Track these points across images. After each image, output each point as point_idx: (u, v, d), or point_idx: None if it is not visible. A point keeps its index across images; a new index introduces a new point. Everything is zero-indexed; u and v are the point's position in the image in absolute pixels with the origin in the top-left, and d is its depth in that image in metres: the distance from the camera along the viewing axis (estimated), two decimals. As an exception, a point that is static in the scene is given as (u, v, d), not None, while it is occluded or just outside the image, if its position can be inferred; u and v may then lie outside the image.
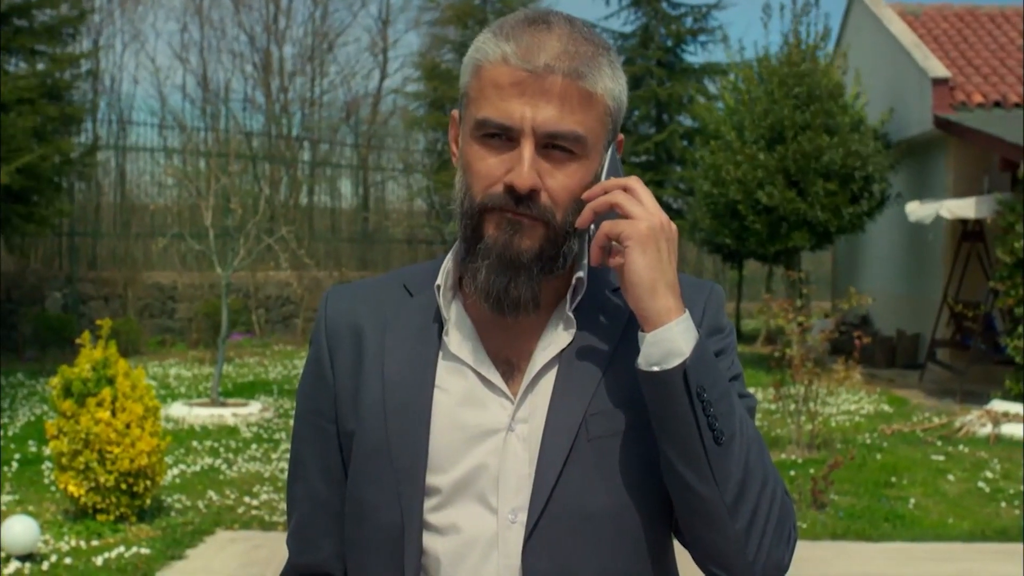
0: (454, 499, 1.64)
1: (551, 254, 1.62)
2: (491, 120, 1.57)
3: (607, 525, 1.63)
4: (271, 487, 9.37)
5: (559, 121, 1.55)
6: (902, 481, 9.75)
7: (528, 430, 1.64)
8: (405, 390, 1.68)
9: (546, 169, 1.58)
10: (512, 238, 1.60)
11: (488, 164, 1.60)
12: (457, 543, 1.64)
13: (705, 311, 1.74)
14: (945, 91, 17.01)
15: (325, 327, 1.79)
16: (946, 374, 16.47)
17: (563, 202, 1.60)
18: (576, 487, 1.61)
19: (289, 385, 15.45)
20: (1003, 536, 8.13)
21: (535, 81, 1.54)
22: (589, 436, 1.62)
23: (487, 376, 1.66)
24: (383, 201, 28.16)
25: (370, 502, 1.69)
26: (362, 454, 1.70)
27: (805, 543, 7.93)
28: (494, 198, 1.60)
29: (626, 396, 1.63)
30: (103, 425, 7.65)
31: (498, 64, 1.57)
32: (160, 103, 30.57)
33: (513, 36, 1.57)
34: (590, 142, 1.59)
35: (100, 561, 7.14)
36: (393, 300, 1.77)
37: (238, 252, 13.34)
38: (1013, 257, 13.36)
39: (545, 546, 1.60)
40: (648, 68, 29.47)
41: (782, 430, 11.60)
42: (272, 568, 7.23)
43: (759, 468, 1.60)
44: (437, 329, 1.71)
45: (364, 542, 1.70)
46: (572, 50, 1.56)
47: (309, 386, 1.81)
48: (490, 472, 1.63)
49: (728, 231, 18.87)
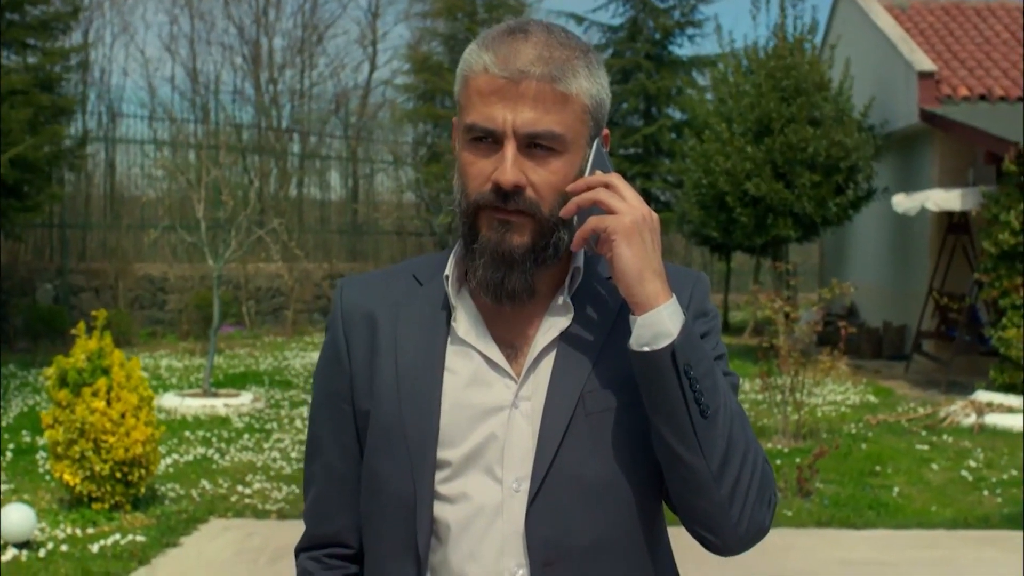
0: (463, 471, 1.77)
1: (542, 246, 1.74)
2: (477, 125, 1.69)
3: (603, 493, 1.75)
4: (264, 476, 9.47)
5: (537, 122, 1.67)
6: (886, 470, 9.88)
7: (530, 407, 1.76)
8: (417, 372, 1.80)
9: (529, 166, 1.69)
10: (504, 236, 1.72)
11: (478, 166, 1.72)
12: (466, 511, 1.76)
13: (692, 297, 1.86)
14: (931, 84, 17.14)
15: (341, 315, 1.91)
16: (931, 365, 16.63)
17: (547, 196, 1.71)
18: (574, 458, 1.74)
19: (280, 376, 15.54)
20: (985, 524, 8.26)
21: (513, 87, 1.66)
22: (586, 412, 1.75)
23: (492, 358, 1.79)
24: (372, 193, 28.23)
25: (385, 475, 1.81)
26: (377, 431, 1.82)
27: (790, 530, 8.07)
28: (484, 196, 1.71)
29: (620, 375, 1.76)
30: (98, 415, 7.73)
31: (481, 73, 1.69)
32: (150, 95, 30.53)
33: (493, 46, 1.70)
34: (569, 139, 1.71)
35: (96, 548, 7.24)
36: (404, 289, 1.89)
37: (230, 244, 13.42)
38: (998, 249, 13.50)
39: (546, 513, 1.73)
40: (637, 61, 29.57)
41: (769, 420, 11.73)
42: (266, 555, 7.35)
43: (741, 439, 1.73)
44: (445, 316, 1.83)
45: (380, 512, 1.83)
46: (547, 55, 1.67)
47: (326, 370, 1.93)
48: (496, 446, 1.76)
49: (716, 223, 19.01)
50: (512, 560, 1.75)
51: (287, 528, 8.03)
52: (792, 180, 17.58)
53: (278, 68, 31.12)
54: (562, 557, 1.74)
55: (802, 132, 17.36)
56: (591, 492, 1.75)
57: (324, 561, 1.94)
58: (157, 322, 20.59)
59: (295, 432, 11.45)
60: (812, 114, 17.63)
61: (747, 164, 17.67)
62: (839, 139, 17.39)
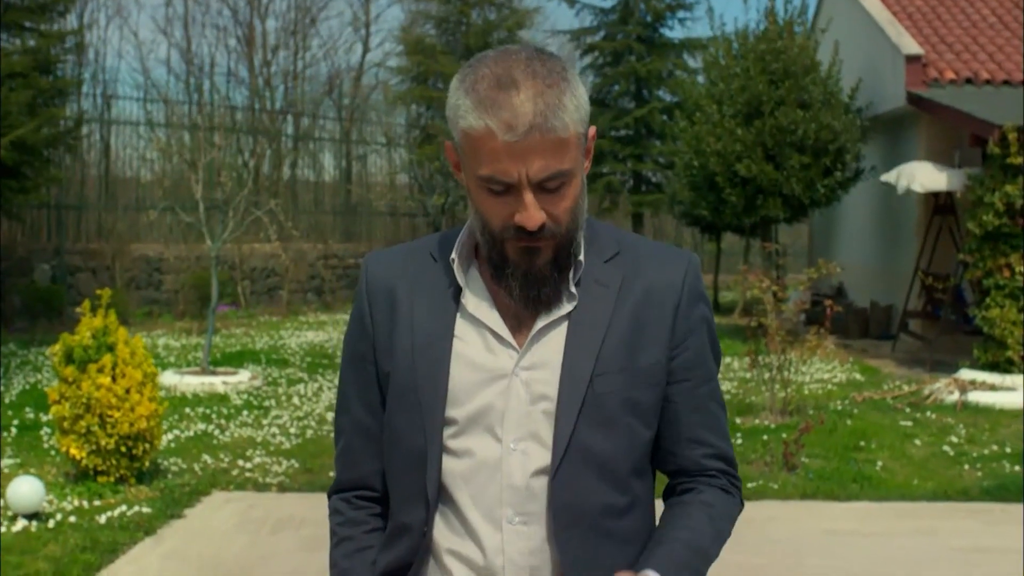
0: (468, 429, 2.01)
1: (564, 256, 1.97)
2: (494, 178, 1.89)
3: (608, 464, 2.00)
4: (263, 451, 9.71)
5: (546, 168, 1.87)
6: (871, 445, 10.13)
7: (530, 377, 2.00)
8: (430, 339, 2.04)
9: (546, 200, 1.90)
10: (532, 260, 1.95)
11: (497, 208, 1.92)
12: (470, 465, 2.00)
13: (686, 278, 2.10)
14: (918, 68, 17.36)
15: (366, 287, 2.15)
16: (917, 344, 16.89)
17: (564, 219, 1.94)
18: (586, 436, 1.98)
19: (276, 355, 15.78)
20: (965, 496, 8.51)
21: (520, 145, 1.85)
22: (595, 394, 1.99)
23: (497, 330, 2.02)
24: (365, 174, 28.43)
25: (401, 430, 2.05)
26: (395, 391, 2.06)
27: (776, 502, 8.33)
28: (508, 231, 1.93)
29: (620, 362, 2.01)
30: (104, 390, 7.94)
31: (486, 136, 1.87)
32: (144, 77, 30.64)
33: (492, 110, 1.86)
34: (573, 168, 1.92)
35: (103, 519, 7.46)
36: (420, 265, 2.12)
37: (227, 225, 13.63)
38: (982, 230, 13.73)
39: (565, 484, 1.97)
40: (628, 44, 29.77)
41: (757, 397, 12.00)
42: (267, 526, 7.58)
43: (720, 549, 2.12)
44: (455, 291, 2.06)
45: (397, 462, 2.08)
46: (541, 106, 1.85)
47: (353, 335, 2.18)
48: (497, 409, 2.00)
49: (706, 203, 19.27)
50: (509, 509, 1.99)
51: (287, 500, 8.28)
52: (781, 162, 17.84)
53: (272, 50, 31.29)
54: (580, 520, 1.98)
55: (791, 114, 17.62)
56: (598, 464, 1.99)
57: (352, 502, 2.20)
58: (153, 302, 20.79)
59: (293, 409, 11.69)
60: (801, 97, 17.89)
61: (737, 146, 17.92)
62: (828, 122, 17.66)
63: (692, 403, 2.10)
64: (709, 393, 2.13)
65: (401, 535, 2.08)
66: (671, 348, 2.06)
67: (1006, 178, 13.60)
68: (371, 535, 2.18)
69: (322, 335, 18.75)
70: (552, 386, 1.99)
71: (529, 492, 1.99)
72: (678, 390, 2.08)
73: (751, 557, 6.92)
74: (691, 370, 2.09)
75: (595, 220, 2.12)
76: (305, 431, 10.61)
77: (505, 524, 1.99)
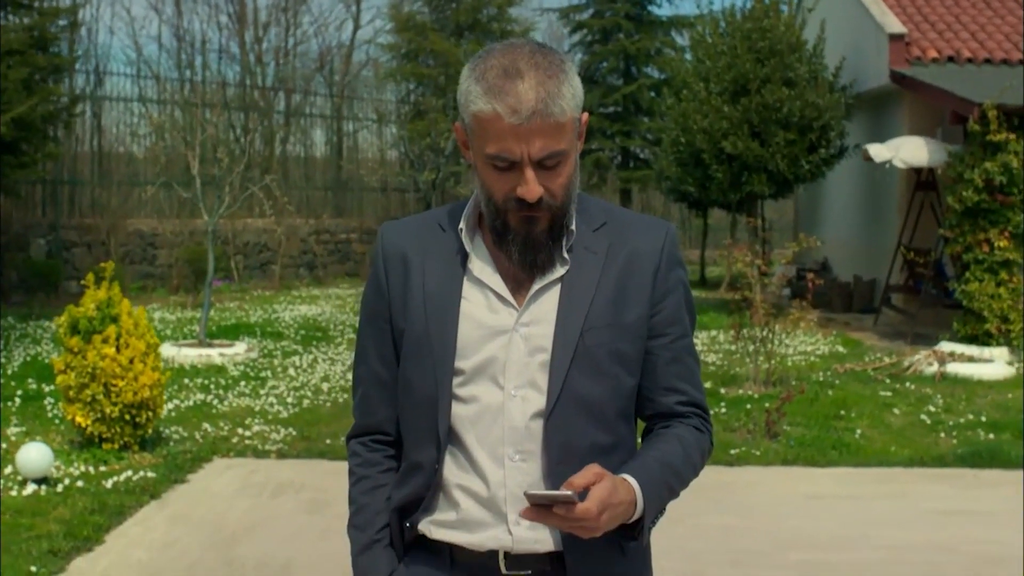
0: (474, 378, 2.30)
1: (558, 225, 2.27)
2: (500, 156, 2.18)
3: (595, 408, 2.30)
4: (262, 420, 9.99)
5: (544, 148, 2.16)
6: (850, 414, 10.44)
7: (528, 332, 2.29)
8: (440, 299, 2.32)
9: (544, 176, 2.20)
10: (530, 228, 2.24)
11: (500, 182, 2.21)
12: (476, 409, 2.29)
13: (664, 244, 2.40)
14: (901, 46, 17.62)
15: (382, 253, 2.43)
16: (899, 317, 17.21)
17: (559, 193, 2.23)
18: (577, 382, 2.27)
19: (271, 328, 16.06)
20: (940, 462, 8.83)
21: (524, 128, 2.14)
22: (585, 347, 2.28)
23: (500, 292, 2.31)
24: (356, 150, 28.65)
25: (415, 379, 2.34)
26: (409, 345, 2.35)
27: (758, 468, 8.64)
28: (511, 204, 2.22)
29: (607, 318, 2.30)
30: (108, 360, 8.21)
31: (494, 118, 2.16)
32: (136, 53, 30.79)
33: (499, 96, 2.15)
34: (568, 148, 2.21)
35: (110, 484, 7.74)
36: (430, 234, 2.40)
37: (224, 200, 13.88)
38: (962, 206, 14.03)
39: (558, 425, 2.26)
40: (617, 21, 29.97)
41: (741, 369, 12.31)
42: (268, 490, 7.88)
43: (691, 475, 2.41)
44: (462, 257, 2.35)
45: (411, 408, 2.37)
46: (542, 94, 2.15)
47: (370, 296, 2.46)
48: (500, 360, 2.28)
49: (693, 179, 19.56)
50: (510, 448, 2.28)
51: (287, 466, 8.57)
52: (767, 139, 18.13)
53: (263, 27, 31.44)
54: (571, 457, 2.26)
55: (777, 92, 17.90)
56: (587, 408, 2.29)
57: (369, 445, 2.50)
58: (148, 276, 21.03)
59: (289, 380, 11.98)
60: (787, 75, 18.18)
61: (723, 123, 18.20)
62: (812, 99, 17.96)
63: (669, 355, 2.38)
64: (684, 347, 2.41)
65: (414, 473, 2.36)
66: (652, 306, 2.35)
67: (985, 155, 13.89)
68: (386, 474, 2.47)
69: (315, 309, 19.02)
70: (547, 340, 2.28)
71: (528, 432, 2.27)
72: (657, 344, 2.37)
73: (734, 519, 7.24)
74: (669, 326, 2.37)
75: (585, 194, 2.41)
76: (302, 401, 10.90)
77: (507, 461, 2.27)
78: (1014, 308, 13.76)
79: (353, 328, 16.23)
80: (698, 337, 15.33)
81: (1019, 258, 13.91)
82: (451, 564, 2.33)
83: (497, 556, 2.29)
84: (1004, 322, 13.76)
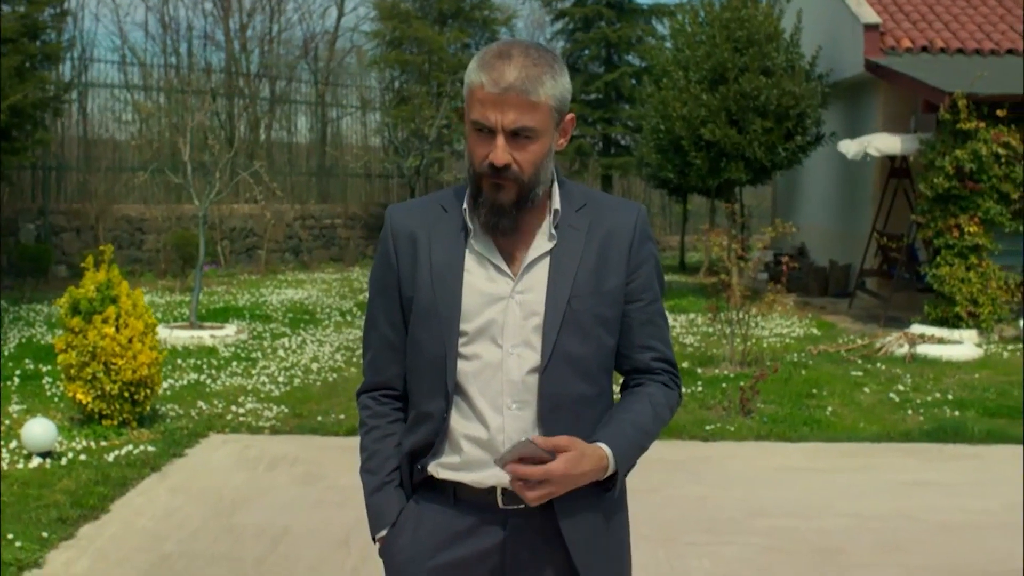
0: (476, 339, 2.65)
1: (523, 199, 2.61)
2: (479, 122, 2.56)
3: (581, 364, 2.66)
4: (255, 398, 10.33)
5: (517, 121, 2.54)
6: (822, 393, 10.82)
7: (523, 299, 2.65)
8: (445, 270, 2.67)
9: (514, 149, 2.56)
10: (497, 195, 2.60)
11: (479, 148, 2.59)
12: (478, 365, 2.65)
13: (637, 222, 2.76)
14: (876, 36, 18.00)
15: (391, 231, 2.78)
16: (873, 301, 17.63)
17: (527, 168, 2.59)
18: (566, 342, 2.64)
19: (259, 311, 16.39)
20: (906, 437, 9.22)
21: (501, 98, 2.52)
22: (572, 311, 2.64)
23: (497, 264, 2.67)
24: (340, 137, 28.91)
25: (424, 341, 2.70)
26: (418, 311, 2.70)
27: (733, 443, 9.02)
28: (484, 169, 2.59)
29: (590, 286, 2.66)
30: (108, 339, 8.54)
31: (479, 88, 2.54)
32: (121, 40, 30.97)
33: (487, 69, 2.54)
34: (540, 129, 2.57)
35: (111, 458, 8.06)
36: (434, 214, 2.76)
37: (215, 186, 14.19)
38: (933, 192, 14.44)
39: (551, 379, 2.62)
40: (598, 9, 30.23)
41: (718, 350, 12.69)
42: (264, 463, 8.22)
43: (658, 430, 2.76)
44: (464, 234, 2.70)
45: (421, 367, 2.72)
46: (523, 75, 2.52)
47: (379, 270, 2.81)
48: (498, 323, 2.64)
49: (672, 166, 19.93)
50: (509, 398, 2.64)
51: (281, 441, 8.92)
52: (744, 126, 18.50)
53: (247, 14, 31.64)
54: (561, 405, 2.64)
55: (755, 81, 18.28)
56: (575, 363, 2.65)
57: (378, 399, 2.86)
58: (135, 261, 21.29)
59: (279, 360, 12.32)
60: (764, 64, 18.56)
61: (702, 111, 18.57)
62: (789, 88, 18.34)
63: (643, 317, 2.75)
64: (656, 311, 2.78)
65: (424, 422, 2.71)
66: (627, 275, 2.71)
67: (956, 143, 14.29)
68: (394, 424, 2.83)
69: (302, 292, 19.36)
70: (540, 305, 2.64)
71: (524, 385, 2.63)
72: (633, 308, 2.73)
73: (708, 490, 7.61)
74: (642, 292, 2.74)
75: (568, 180, 2.77)
76: (292, 380, 11.24)
77: (505, 410, 2.63)
78: (983, 292, 14.20)
79: (340, 311, 16.61)
80: (676, 320, 15.73)
81: (988, 243, 14.34)
82: (455, 500, 2.69)
83: (495, 492, 2.65)
84: (973, 305, 14.20)
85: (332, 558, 6.18)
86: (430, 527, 2.70)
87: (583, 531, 2.66)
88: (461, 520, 2.68)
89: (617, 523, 2.77)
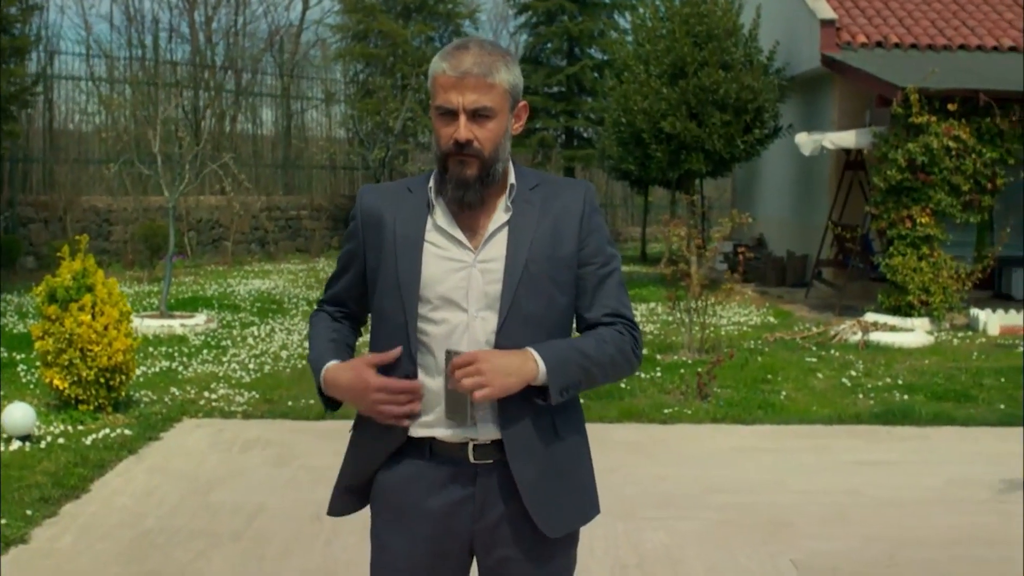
0: (441, 306, 2.94)
1: (485, 174, 2.92)
2: (442, 106, 2.88)
3: (538, 322, 2.95)
4: (226, 384, 10.60)
5: (475, 101, 2.85)
6: (777, 378, 11.18)
7: (484, 267, 2.93)
8: (408, 242, 2.97)
9: (475, 127, 2.87)
10: (462, 170, 2.90)
11: (445, 130, 2.90)
12: (445, 329, 2.93)
13: (586, 196, 3.06)
14: (832, 32, 18.41)
15: (361, 209, 3.09)
16: (829, 291, 18.05)
17: (487, 144, 2.89)
18: (522, 301, 2.92)
19: (227, 301, 16.64)
20: (857, 420, 9.57)
21: (460, 81, 2.84)
22: (529, 273, 2.93)
23: (457, 236, 2.96)
24: (304, 129, 29.10)
25: (387, 310, 2.99)
26: (381, 279, 3.00)
27: (689, 426, 9.35)
28: (449, 147, 2.90)
29: (544, 252, 2.95)
30: (84, 327, 8.79)
31: (441, 75, 2.87)
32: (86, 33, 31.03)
33: (447, 58, 2.87)
34: (497, 109, 2.89)
35: (89, 441, 8.31)
36: (401, 196, 3.06)
37: (184, 178, 14.43)
38: (887, 184, 14.85)
39: (508, 335, 2.91)
40: (560, 3, 30.47)
41: (677, 337, 13.04)
42: (237, 446, 8.49)
43: (608, 363, 3.01)
44: (427, 211, 3.00)
45: (385, 333, 3.00)
46: (479, 60, 2.85)
47: (349, 241, 3.12)
48: (462, 289, 2.93)
49: (633, 158, 20.24)
50: None
51: (253, 425, 9.20)
52: (704, 119, 18.83)
53: (212, 7, 31.76)
54: None
55: (714, 75, 18.61)
56: (532, 322, 2.93)
57: (330, 312, 3.19)
58: (103, 252, 21.41)
59: (248, 348, 12.58)
60: (723, 58, 18.89)
61: (663, 104, 18.88)
62: (748, 82, 18.68)
63: (596, 280, 3.03)
64: (608, 273, 3.05)
65: None
66: (579, 242, 3.00)
67: (908, 136, 14.70)
68: (342, 324, 3.18)
69: (268, 283, 19.62)
70: (500, 272, 2.92)
71: (488, 345, 2.91)
72: (586, 271, 3.02)
73: (666, 469, 7.94)
74: (594, 256, 3.02)
75: (523, 166, 3.07)
76: (263, 367, 11.51)
77: None
78: (935, 281, 14.61)
79: (307, 301, 16.87)
80: (637, 309, 16.05)
81: (939, 234, 14.76)
82: (430, 455, 2.98)
83: (467, 447, 2.94)
84: (925, 294, 14.62)
85: (305, 532, 6.46)
86: (410, 476, 2.99)
87: (531, 473, 2.92)
88: (436, 471, 2.96)
89: (573, 464, 3.04)
